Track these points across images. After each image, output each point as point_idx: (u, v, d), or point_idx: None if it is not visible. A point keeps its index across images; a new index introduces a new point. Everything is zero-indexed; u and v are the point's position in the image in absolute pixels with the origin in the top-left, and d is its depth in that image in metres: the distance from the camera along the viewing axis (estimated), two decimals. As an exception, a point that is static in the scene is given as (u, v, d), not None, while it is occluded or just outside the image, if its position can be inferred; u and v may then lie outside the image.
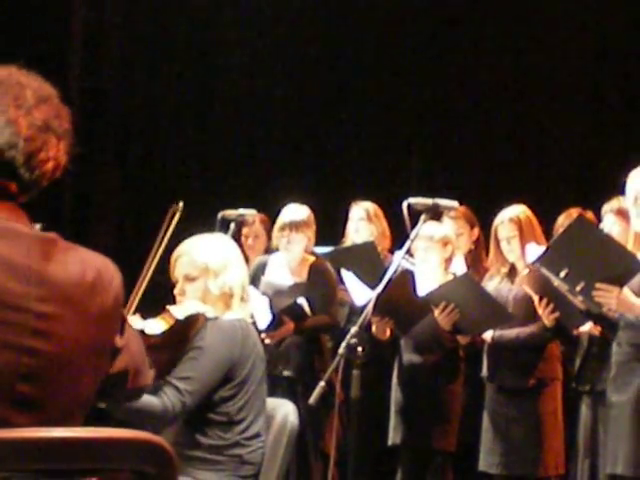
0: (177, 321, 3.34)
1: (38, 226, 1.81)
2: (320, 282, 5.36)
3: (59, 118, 1.78)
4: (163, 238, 3.72)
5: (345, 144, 7.37)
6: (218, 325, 3.41)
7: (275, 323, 5.25)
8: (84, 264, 1.76)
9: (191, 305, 3.42)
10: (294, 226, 5.38)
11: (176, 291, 3.52)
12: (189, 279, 3.47)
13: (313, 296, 5.31)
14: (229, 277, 3.48)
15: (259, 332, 4.95)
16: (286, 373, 5.33)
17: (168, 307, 3.39)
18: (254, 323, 4.88)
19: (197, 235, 3.57)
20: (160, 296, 3.51)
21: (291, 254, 5.44)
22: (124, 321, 1.87)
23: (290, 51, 7.43)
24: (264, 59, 7.42)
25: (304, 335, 5.34)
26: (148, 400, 3.23)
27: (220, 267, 3.47)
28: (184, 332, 3.37)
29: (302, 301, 5.26)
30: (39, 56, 1.84)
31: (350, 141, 7.38)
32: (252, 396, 3.43)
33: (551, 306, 4.73)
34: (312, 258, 5.46)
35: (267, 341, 5.25)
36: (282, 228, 5.41)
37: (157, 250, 3.75)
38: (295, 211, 5.46)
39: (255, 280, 5.41)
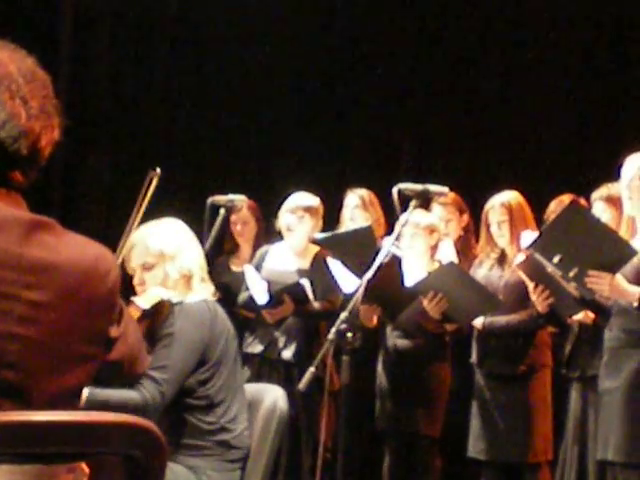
0: (144, 311, 3.35)
1: None
2: (323, 270, 5.33)
3: (49, 97, 1.78)
4: (141, 205, 3.71)
5: (338, 131, 7.35)
6: (185, 309, 3.42)
7: (274, 301, 5.24)
8: (80, 252, 1.75)
9: (155, 293, 3.43)
10: (307, 208, 5.38)
11: (135, 281, 3.52)
12: (146, 268, 3.49)
13: (315, 283, 5.30)
14: (186, 259, 3.49)
15: (259, 308, 4.99)
16: (283, 357, 5.32)
17: (132, 299, 3.39)
18: (252, 299, 4.93)
19: (146, 224, 3.60)
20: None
21: (296, 237, 5.40)
22: (121, 311, 1.87)
23: (286, 38, 7.38)
24: (258, 46, 7.38)
25: (303, 319, 5.33)
26: (126, 394, 3.24)
27: (175, 250, 3.48)
28: (152, 321, 3.39)
29: (304, 282, 5.25)
30: (28, 41, 1.82)
31: (343, 128, 7.35)
32: (229, 375, 3.43)
33: (546, 292, 4.72)
34: (316, 248, 5.45)
35: (267, 318, 5.26)
36: (294, 210, 5.38)
37: (135, 217, 3.75)
38: (307, 196, 5.46)
39: (258, 269, 5.42)
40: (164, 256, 3.47)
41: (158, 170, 3.74)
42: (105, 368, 1.84)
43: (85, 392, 3.17)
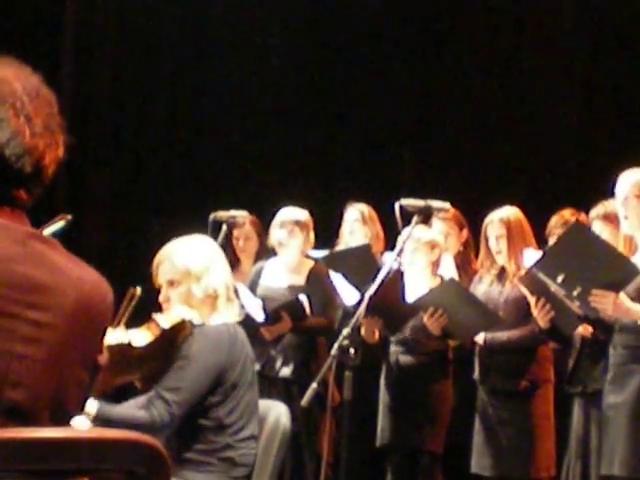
0: (163, 330, 3.33)
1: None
2: (319, 286, 5.34)
3: (53, 115, 1.77)
4: (119, 322, 3.66)
5: (338, 146, 7.35)
6: (204, 332, 3.39)
7: (271, 318, 5.23)
8: (81, 275, 1.73)
9: (177, 312, 3.40)
10: (295, 223, 5.37)
11: (161, 298, 3.49)
12: (172, 284, 3.45)
13: (312, 299, 5.29)
14: (212, 279, 3.45)
15: (257, 326, 4.98)
16: (282, 374, 5.31)
17: (154, 316, 3.37)
18: (251, 319, 4.92)
19: (177, 239, 3.54)
20: (145, 304, 3.47)
21: (289, 252, 5.40)
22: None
23: (282, 55, 7.40)
24: (256, 62, 7.39)
25: (301, 335, 5.32)
26: (135, 412, 3.26)
27: (202, 269, 3.44)
28: (171, 341, 3.36)
29: (303, 298, 5.24)
30: (30, 59, 1.81)
31: (343, 143, 7.36)
32: (242, 399, 3.40)
33: (547, 307, 4.69)
34: (311, 262, 5.44)
35: (265, 335, 5.24)
36: (283, 224, 5.38)
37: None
38: (296, 211, 5.46)
39: (254, 285, 5.42)
40: (190, 275, 3.43)
41: (138, 289, 3.49)
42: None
43: (95, 407, 3.21)
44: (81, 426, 3.00)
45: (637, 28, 6.67)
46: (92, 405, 3.20)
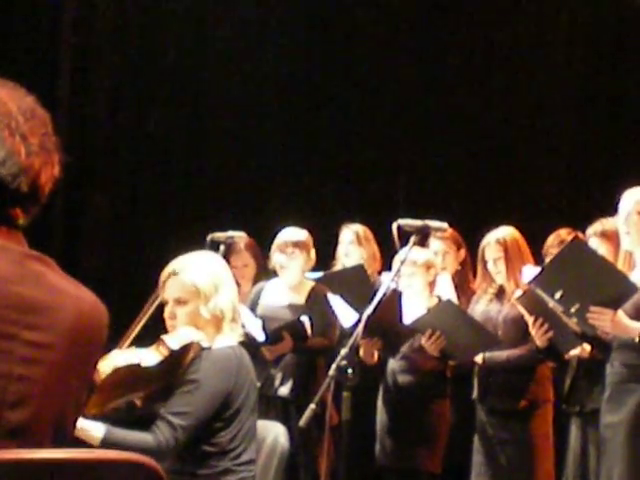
0: (172, 352, 3.29)
1: None
2: (320, 306, 5.33)
3: (48, 134, 1.77)
4: (140, 322, 3.64)
5: (332, 167, 7.37)
6: (213, 356, 3.36)
7: (272, 338, 5.22)
8: (79, 295, 1.72)
9: (185, 333, 3.36)
10: (295, 245, 5.37)
11: (166, 314, 3.45)
12: (180, 302, 3.40)
13: (312, 319, 5.29)
14: (220, 299, 3.41)
15: (258, 345, 4.96)
16: (280, 393, 5.31)
17: (162, 337, 3.34)
18: (253, 339, 4.90)
19: (186, 254, 3.49)
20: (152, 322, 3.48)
21: (290, 273, 5.40)
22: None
23: (279, 73, 7.42)
24: (252, 82, 7.41)
25: (301, 355, 5.32)
26: (142, 436, 3.23)
27: (211, 290, 3.39)
28: (179, 362, 3.33)
29: (304, 319, 5.24)
30: (26, 83, 1.82)
31: (338, 164, 7.37)
32: (245, 424, 3.38)
33: (545, 326, 4.72)
34: (312, 283, 5.45)
35: (267, 355, 5.25)
36: (283, 247, 5.38)
37: (132, 333, 3.69)
38: (295, 232, 5.46)
39: (254, 305, 5.44)
40: (199, 294, 3.38)
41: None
42: None
43: (102, 430, 3.18)
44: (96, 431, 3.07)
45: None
46: (99, 428, 3.19)
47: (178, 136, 7.55)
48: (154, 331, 3.44)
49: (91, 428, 3.15)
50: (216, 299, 3.40)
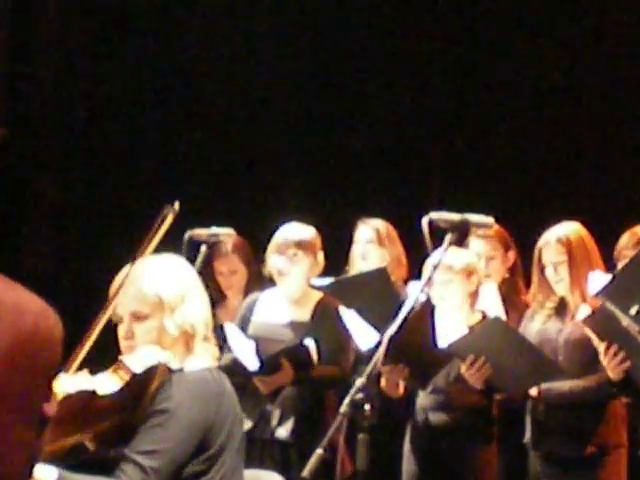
0: (134, 375, 3.25)
1: None
2: (329, 324, 5.29)
3: None
4: (149, 244, 3.52)
5: (346, 150, 7.40)
6: (185, 380, 3.31)
7: (270, 367, 5.19)
8: (19, 304, 1.75)
9: (149, 354, 3.31)
10: (298, 245, 5.30)
11: (121, 333, 3.40)
12: (138, 318, 3.36)
13: (319, 340, 5.26)
14: (188, 311, 3.37)
15: (250, 375, 4.96)
16: (278, 435, 5.27)
17: (121, 359, 3.29)
18: (242, 367, 4.89)
19: (142, 259, 3.43)
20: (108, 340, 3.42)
21: (291, 281, 5.33)
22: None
23: (295, 55, 7.73)
24: (265, 64, 7.69)
25: (305, 388, 5.27)
26: None
27: (177, 300, 3.36)
28: (144, 389, 3.29)
29: (309, 343, 5.20)
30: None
31: (351, 146, 7.41)
32: (228, 470, 3.32)
33: (621, 355, 4.69)
34: (319, 294, 5.38)
35: (260, 388, 5.22)
36: (282, 248, 5.30)
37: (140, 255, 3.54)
38: (298, 229, 5.37)
39: (245, 322, 5.41)
40: (162, 306, 3.35)
41: (176, 205, 3.53)
42: None
43: (55, 475, 3.13)
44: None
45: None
46: (51, 473, 3.12)
47: (150, 110, 7.77)
48: (105, 353, 3.37)
49: (40, 474, 3.07)
50: (183, 310, 3.36)
